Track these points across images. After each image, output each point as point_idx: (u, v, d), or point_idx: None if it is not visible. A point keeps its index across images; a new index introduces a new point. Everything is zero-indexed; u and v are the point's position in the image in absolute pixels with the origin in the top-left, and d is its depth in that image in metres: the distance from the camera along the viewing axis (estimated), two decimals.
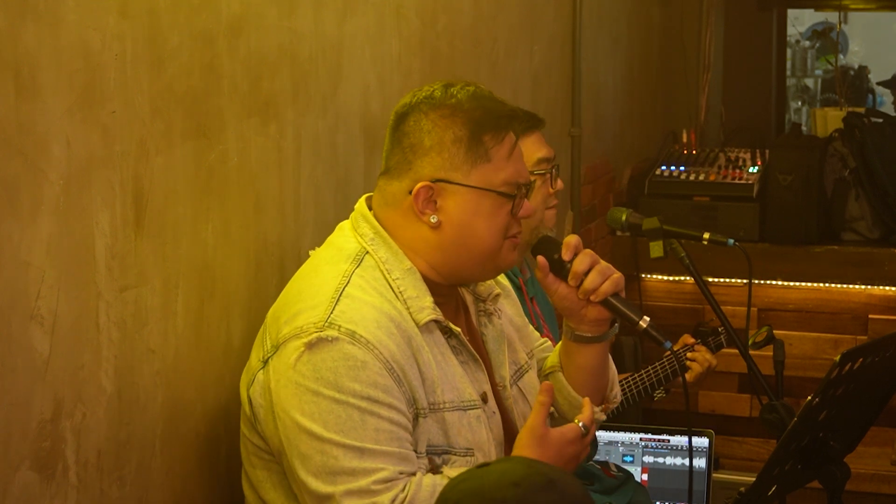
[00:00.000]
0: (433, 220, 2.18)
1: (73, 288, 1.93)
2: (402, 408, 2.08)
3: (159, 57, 2.10)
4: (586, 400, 2.27)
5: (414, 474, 2.07)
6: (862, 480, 4.52)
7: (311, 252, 2.31)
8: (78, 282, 1.94)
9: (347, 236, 2.24)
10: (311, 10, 2.58)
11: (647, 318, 2.24)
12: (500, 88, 3.75)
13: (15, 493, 1.83)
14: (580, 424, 2.20)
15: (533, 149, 2.97)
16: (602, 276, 2.25)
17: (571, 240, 2.29)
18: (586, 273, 2.25)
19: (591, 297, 2.25)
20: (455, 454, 2.15)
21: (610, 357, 2.45)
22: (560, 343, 2.43)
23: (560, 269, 2.28)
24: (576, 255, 2.27)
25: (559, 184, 3.01)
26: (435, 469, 2.13)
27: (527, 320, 2.52)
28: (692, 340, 3.59)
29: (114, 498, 2.05)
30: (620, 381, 3.40)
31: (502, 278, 2.46)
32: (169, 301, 2.17)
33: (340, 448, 2.03)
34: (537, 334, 2.57)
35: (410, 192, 2.18)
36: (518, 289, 3.02)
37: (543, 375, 2.47)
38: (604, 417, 2.45)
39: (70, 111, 1.90)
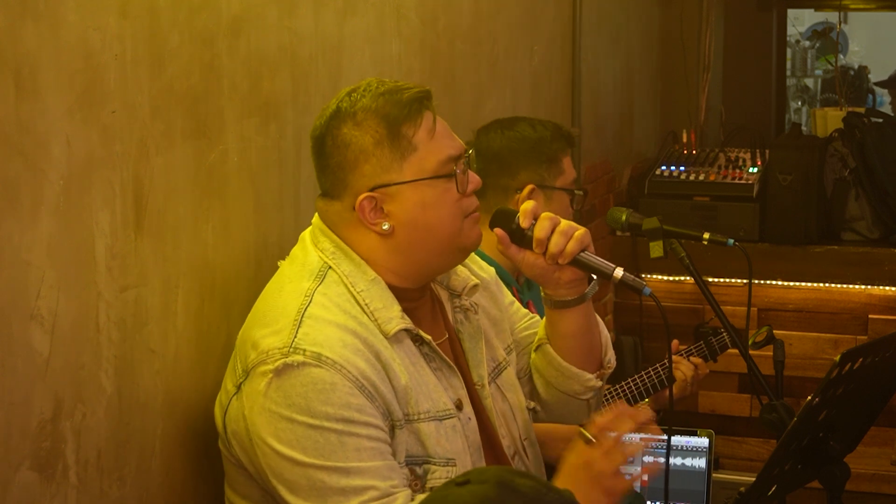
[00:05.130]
0: (385, 227, 2.13)
1: (73, 288, 1.93)
2: (379, 423, 2.05)
3: (159, 57, 2.10)
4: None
5: (405, 487, 2.05)
6: (862, 480, 4.52)
7: (279, 263, 2.28)
8: (78, 282, 1.94)
9: (308, 250, 2.20)
10: (311, 11, 2.58)
11: (621, 269, 2.17)
12: (500, 88, 3.75)
13: (15, 493, 1.83)
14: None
15: (571, 169, 3.04)
16: (565, 237, 2.19)
17: (528, 206, 2.23)
18: (549, 237, 2.19)
19: (560, 260, 2.20)
20: (435, 464, 2.12)
21: (600, 320, 2.39)
22: (545, 315, 2.38)
23: (521, 237, 2.21)
24: (535, 221, 2.22)
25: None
26: (415, 479, 2.10)
27: (507, 309, 2.43)
28: (682, 347, 3.55)
29: (114, 498, 2.05)
30: (606, 392, 3.39)
31: (483, 272, 2.40)
32: (169, 301, 2.17)
33: (324, 471, 2.01)
34: (523, 311, 2.50)
35: (354, 208, 2.14)
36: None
37: (533, 350, 2.42)
38: (600, 384, 2.39)
39: (70, 111, 1.90)
